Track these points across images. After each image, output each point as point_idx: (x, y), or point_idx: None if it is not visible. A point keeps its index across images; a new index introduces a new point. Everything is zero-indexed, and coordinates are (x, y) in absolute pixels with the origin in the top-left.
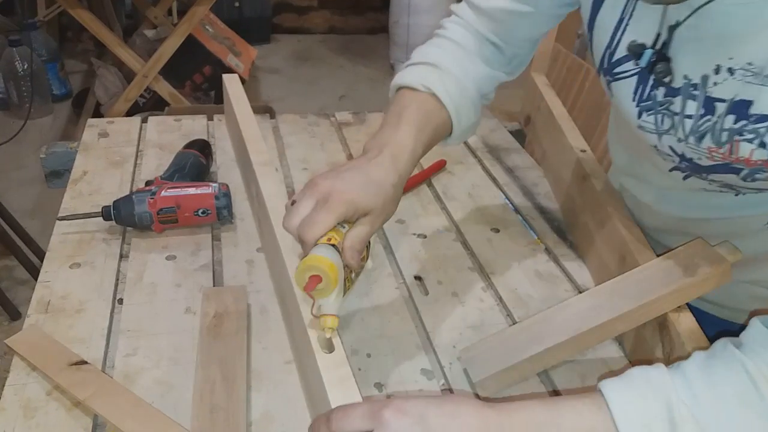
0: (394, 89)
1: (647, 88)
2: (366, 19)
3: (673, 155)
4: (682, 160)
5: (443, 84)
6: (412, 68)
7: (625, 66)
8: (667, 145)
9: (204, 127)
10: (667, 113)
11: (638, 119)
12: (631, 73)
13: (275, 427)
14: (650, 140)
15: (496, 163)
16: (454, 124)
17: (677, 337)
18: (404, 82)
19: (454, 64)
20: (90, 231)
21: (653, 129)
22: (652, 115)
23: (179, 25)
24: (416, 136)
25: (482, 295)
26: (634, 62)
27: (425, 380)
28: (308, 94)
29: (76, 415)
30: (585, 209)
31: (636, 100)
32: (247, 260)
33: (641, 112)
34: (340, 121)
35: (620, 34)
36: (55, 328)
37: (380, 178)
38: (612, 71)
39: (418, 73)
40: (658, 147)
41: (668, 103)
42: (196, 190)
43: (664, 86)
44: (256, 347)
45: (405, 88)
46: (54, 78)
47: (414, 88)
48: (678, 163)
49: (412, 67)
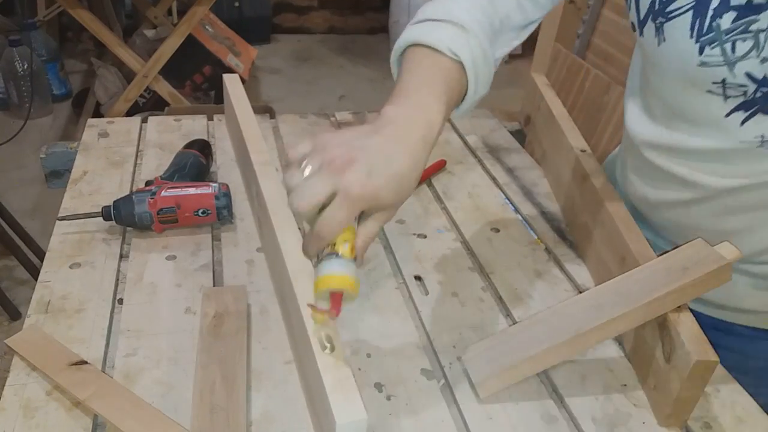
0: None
1: (707, 19)
2: (366, 19)
3: (749, 84)
4: (761, 85)
5: (471, 51)
6: (434, 25)
7: (680, 1)
8: (743, 72)
9: (204, 127)
10: (742, 37)
11: (700, 55)
12: (687, 7)
13: (275, 427)
14: (716, 76)
15: (496, 163)
16: (469, 95)
17: (677, 337)
18: (427, 40)
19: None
20: (90, 231)
21: (721, 61)
22: (717, 47)
23: (179, 25)
24: (445, 114)
25: (482, 295)
26: None
27: (425, 380)
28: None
29: (76, 415)
30: (585, 209)
31: (695, 36)
32: (247, 260)
33: (703, 47)
34: (340, 121)
35: None
36: (55, 328)
37: (405, 171)
38: (665, 10)
39: (442, 33)
40: (728, 81)
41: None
42: (196, 190)
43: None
44: (256, 347)
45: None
46: (54, 78)
47: (439, 51)
48: (750, 95)
49: (433, 24)
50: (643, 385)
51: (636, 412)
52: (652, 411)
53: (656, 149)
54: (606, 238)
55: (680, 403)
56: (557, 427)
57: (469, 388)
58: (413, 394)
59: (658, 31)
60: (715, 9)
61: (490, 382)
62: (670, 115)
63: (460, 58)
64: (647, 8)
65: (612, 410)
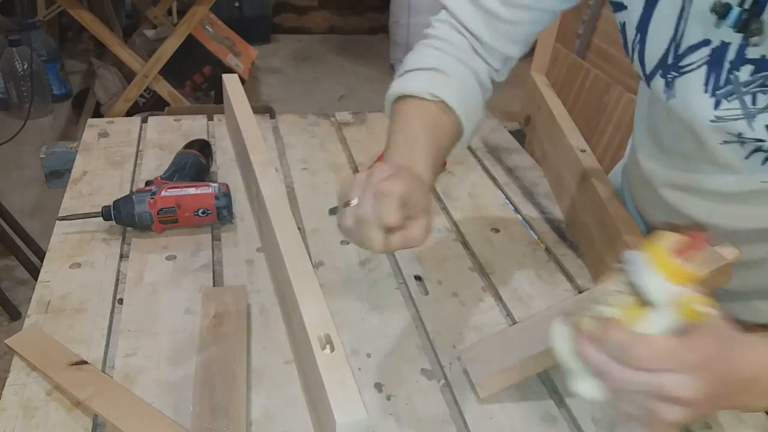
0: (394, 97)
1: (723, 72)
2: (366, 19)
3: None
4: None
5: (449, 89)
6: (413, 75)
7: (694, 56)
8: (764, 125)
9: (204, 127)
10: (762, 90)
11: (715, 110)
12: (701, 62)
13: (275, 426)
14: (732, 129)
15: (496, 164)
16: (465, 128)
17: None
18: (408, 90)
19: (454, 64)
20: (90, 231)
21: (739, 114)
22: (736, 99)
23: (179, 25)
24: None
25: (482, 295)
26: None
27: (425, 380)
28: (308, 94)
29: (76, 415)
30: (585, 209)
31: (710, 91)
32: (247, 260)
33: (719, 100)
34: (340, 121)
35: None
36: (55, 328)
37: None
38: (678, 65)
39: (421, 80)
40: (744, 135)
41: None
42: (196, 190)
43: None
44: (256, 347)
45: (409, 97)
46: (54, 78)
47: (420, 97)
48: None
49: (412, 74)
50: None
51: None
52: None
53: (673, 188)
54: (606, 238)
55: None
56: (557, 427)
57: (469, 388)
58: (413, 394)
59: (668, 87)
60: (732, 62)
61: (490, 382)
62: (687, 156)
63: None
64: (657, 63)
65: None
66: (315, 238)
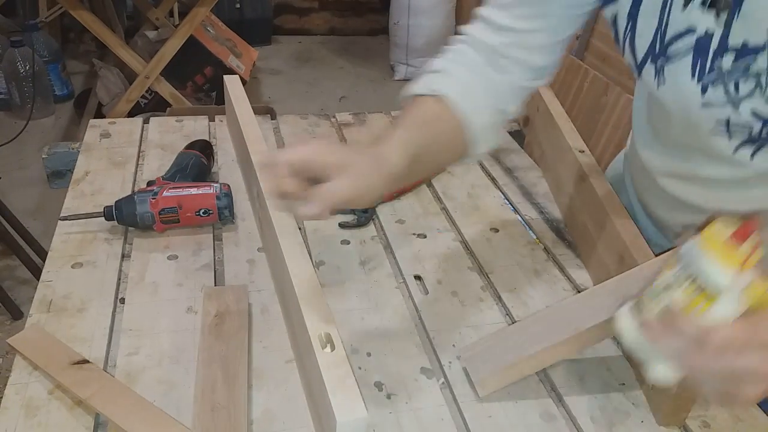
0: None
1: (708, 60)
2: (366, 21)
3: (755, 121)
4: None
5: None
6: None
7: (679, 44)
8: (749, 110)
9: (205, 127)
10: (744, 77)
11: (703, 96)
12: (688, 47)
13: (276, 425)
14: (720, 115)
15: (496, 164)
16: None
17: None
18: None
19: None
20: (92, 231)
21: (724, 101)
22: (720, 86)
23: (180, 26)
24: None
25: (482, 295)
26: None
27: (425, 379)
28: (309, 95)
29: (78, 414)
30: (584, 209)
31: (696, 76)
32: (248, 260)
33: (705, 87)
34: (341, 122)
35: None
36: (57, 327)
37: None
38: (666, 52)
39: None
40: (732, 120)
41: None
42: (197, 190)
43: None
44: (257, 346)
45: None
46: (56, 79)
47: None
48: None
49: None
50: (642, 384)
51: (634, 411)
52: (651, 410)
53: (670, 176)
54: (605, 238)
55: (679, 402)
56: (556, 426)
57: (468, 387)
58: (413, 392)
59: (658, 74)
60: (715, 50)
61: (489, 380)
62: (682, 145)
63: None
64: (646, 50)
65: (611, 409)
66: (315, 238)
